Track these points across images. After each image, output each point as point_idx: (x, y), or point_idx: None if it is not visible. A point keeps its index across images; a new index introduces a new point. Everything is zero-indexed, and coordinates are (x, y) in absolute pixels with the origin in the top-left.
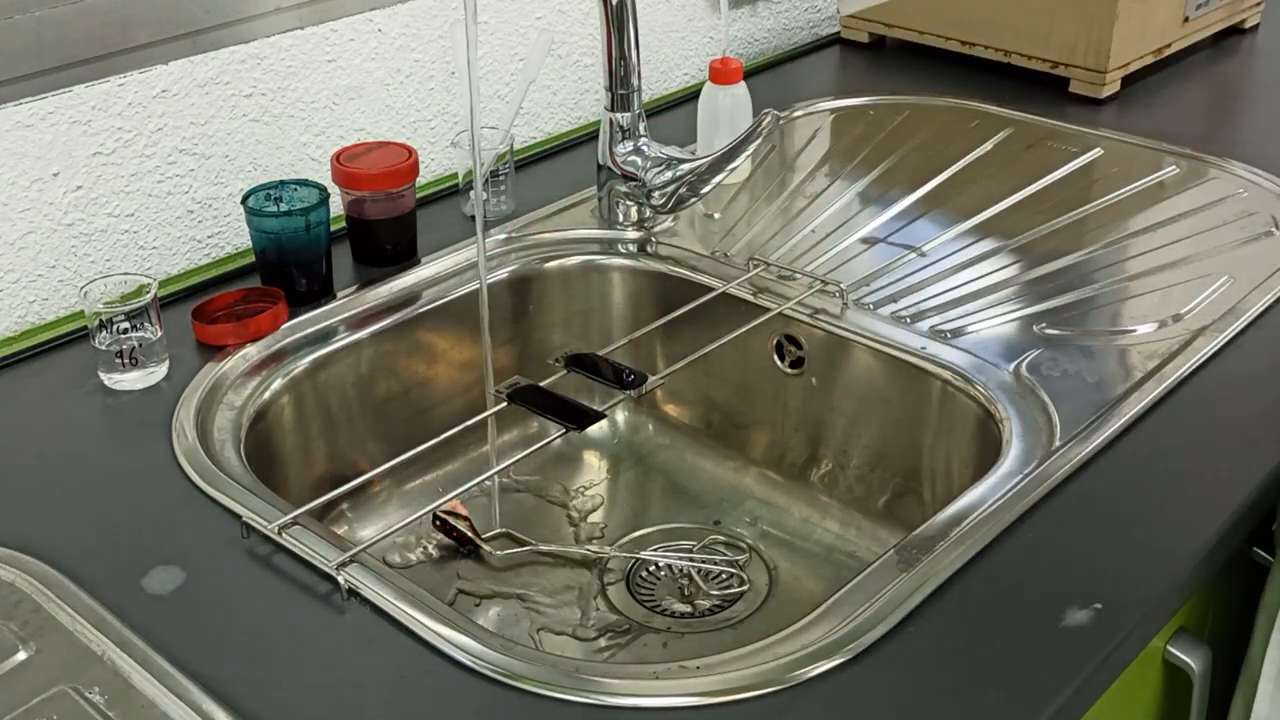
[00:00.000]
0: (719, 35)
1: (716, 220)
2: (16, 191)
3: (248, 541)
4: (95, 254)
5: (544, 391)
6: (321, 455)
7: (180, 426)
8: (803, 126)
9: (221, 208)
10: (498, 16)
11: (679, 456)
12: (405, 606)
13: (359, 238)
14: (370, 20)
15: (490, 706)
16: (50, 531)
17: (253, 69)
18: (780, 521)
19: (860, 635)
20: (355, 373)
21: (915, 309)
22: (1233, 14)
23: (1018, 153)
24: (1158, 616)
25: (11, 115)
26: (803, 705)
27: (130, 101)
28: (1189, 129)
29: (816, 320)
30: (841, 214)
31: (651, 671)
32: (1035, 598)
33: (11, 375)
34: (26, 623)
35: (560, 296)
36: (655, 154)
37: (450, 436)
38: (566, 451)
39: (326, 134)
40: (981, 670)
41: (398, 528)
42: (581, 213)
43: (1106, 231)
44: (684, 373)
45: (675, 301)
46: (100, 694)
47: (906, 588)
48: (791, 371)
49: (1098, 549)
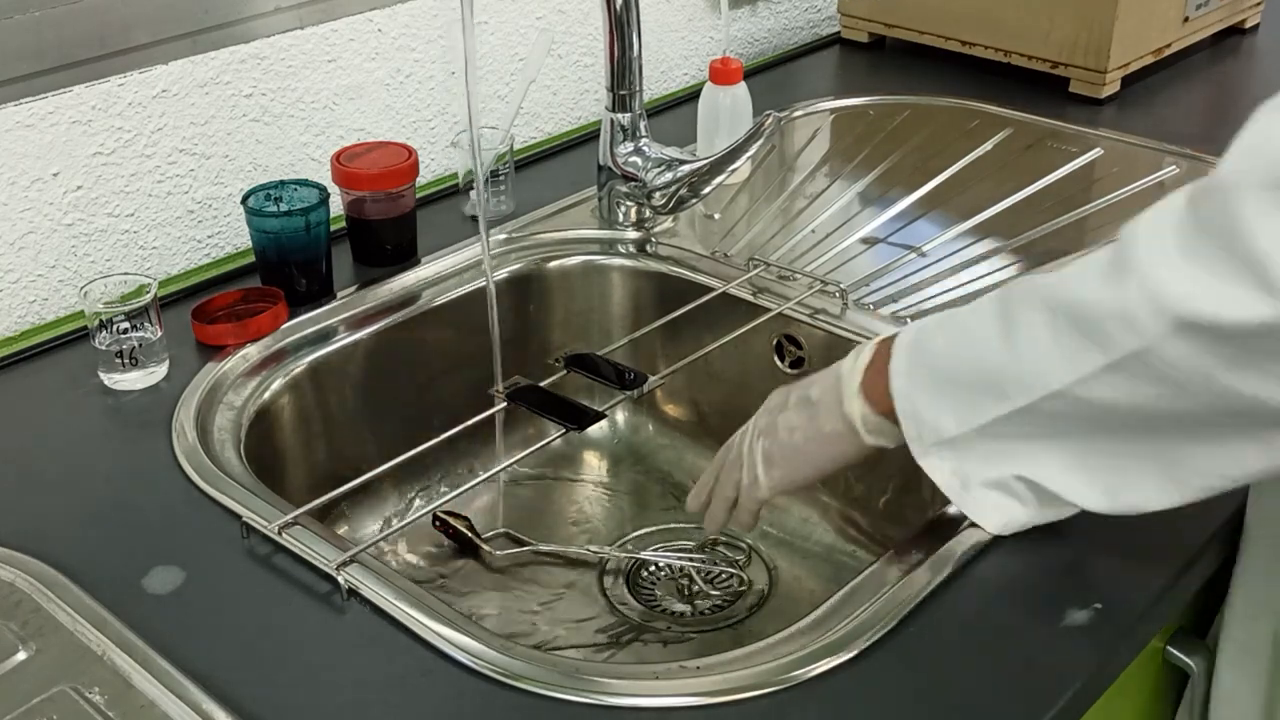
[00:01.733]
0: (719, 35)
1: (716, 220)
2: (16, 191)
3: (248, 541)
4: (95, 254)
5: (544, 391)
6: (321, 455)
7: (180, 426)
8: (803, 126)
9: (221, 208)
10: (498, 16)
11: (679, 456)
12: (405, 606)
13: (359, 238)
14: (370, 20)
15: (490, 706)
16: (50, 531)
17: (253, 69)
18: (780, 521)
19: (860, 635)
20: (355, 373)
21: (915, 309)
22: (1233, 14)
23: (1018, 153)
24: (1158, 616)
25: (11, 115)
26: (803, 705)
27: (130, 101)
28: (1189, 129)
29: (816, 320)
30: (841, 214)
31: (651, 671)
32: (1035, 598)
33: (11, 375)
34: (26, 623)
35: (560, 296)
36: (656, 155)
37: (450, 436)
38: (566, 451)
39: (326, 134)
40: (981, 670)
41: (398, 528)
42: (581, 213)
43: (1106, 231)
44: (684, 373)
45: (675, 301)
46: (100, 694)
47: (907, 588)
48: (791, 372)
49: (1098, 549)
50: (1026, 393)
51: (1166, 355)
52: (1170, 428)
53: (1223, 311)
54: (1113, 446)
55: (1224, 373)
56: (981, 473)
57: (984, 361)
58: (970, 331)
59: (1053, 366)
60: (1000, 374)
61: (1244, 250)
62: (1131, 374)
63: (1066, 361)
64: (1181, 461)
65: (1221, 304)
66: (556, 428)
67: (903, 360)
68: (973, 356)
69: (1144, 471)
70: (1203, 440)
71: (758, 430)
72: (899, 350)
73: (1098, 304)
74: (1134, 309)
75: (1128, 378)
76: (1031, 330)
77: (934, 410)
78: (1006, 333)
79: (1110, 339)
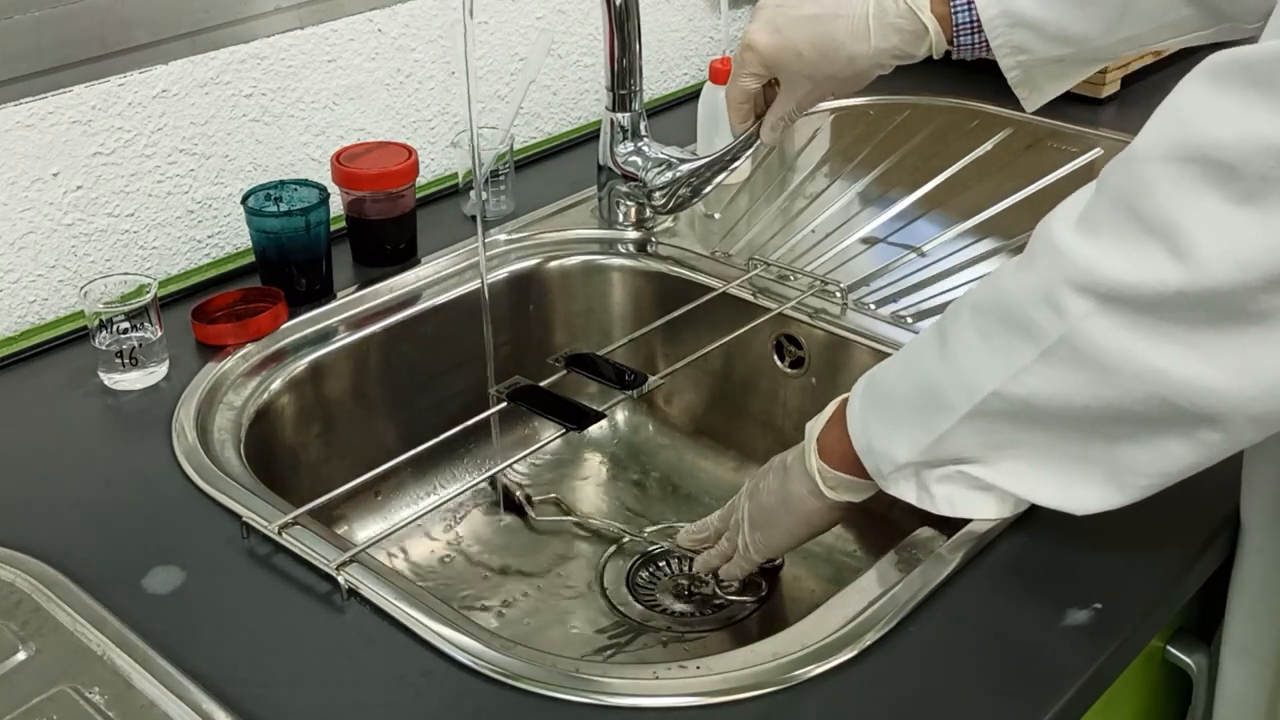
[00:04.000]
0: (719, 35)
1: (716, 220)
2: (16, 191)
3: (248, 541)
4: (95, 254)
5: (544, 391)
6: (321, 455)
7: (180, 426)
8: (803, 126)
9: (221, 208)
10: (498, 16)
11: (679, 456)
12: (405, 606)
13: (359, 238)
14: (370, 20)
15: (490, 706)
16: (50, 531)
17: (253, 69)
18: None
19: (860, 635)
20: (355, 373)
21: (915, 309)
22: None
23: (1018, 153)
24: (1158, 616)
25: (11, 115)
26: (803, 705)
27: (130, 101)
28: None
29: (816, 320)
30: (841, 214)
31: (651, 671)
32: (1035, 598)
33: (11, 375)
34: (26, 623)
35: (560, 296)
36: (656, 154)
37: (450, 436)
38: (566, 451)
39: (326, 134)
40: (982, 670)
41: (398, 527)
42: (581, 213)
43: None
44: (684, 373)
45: (675, 301)
46: (100, 694)
47: (907, 588)
48: (791, 371)
49: (1098, 549)
50: (968, 398)
51: (1089, 334)
52: (1104, 425)
53: (1136, 280)
54: (1056, 449)
55: (1144, 348)
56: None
57: (925, 379)
58: (912, 356)
59: (986, 366)
60: (940, 386)
61: (1154, 219)
62: (1060, 360)
63: (999, 359)
64: (1120, 461)
65: (1134, 273)
66: (556, 428)
67: (857, 402)
68: (915, 378)
69: (1088, 473)
70: (1137, 440)
71: (748, 492)
72: (854, 395)
73: (1017, 293)
74: (1054, 291)
75: (1056, 365)
76: (962, 337)
77: (886, 440)
78: (941, 345)
79: (1037, 327)
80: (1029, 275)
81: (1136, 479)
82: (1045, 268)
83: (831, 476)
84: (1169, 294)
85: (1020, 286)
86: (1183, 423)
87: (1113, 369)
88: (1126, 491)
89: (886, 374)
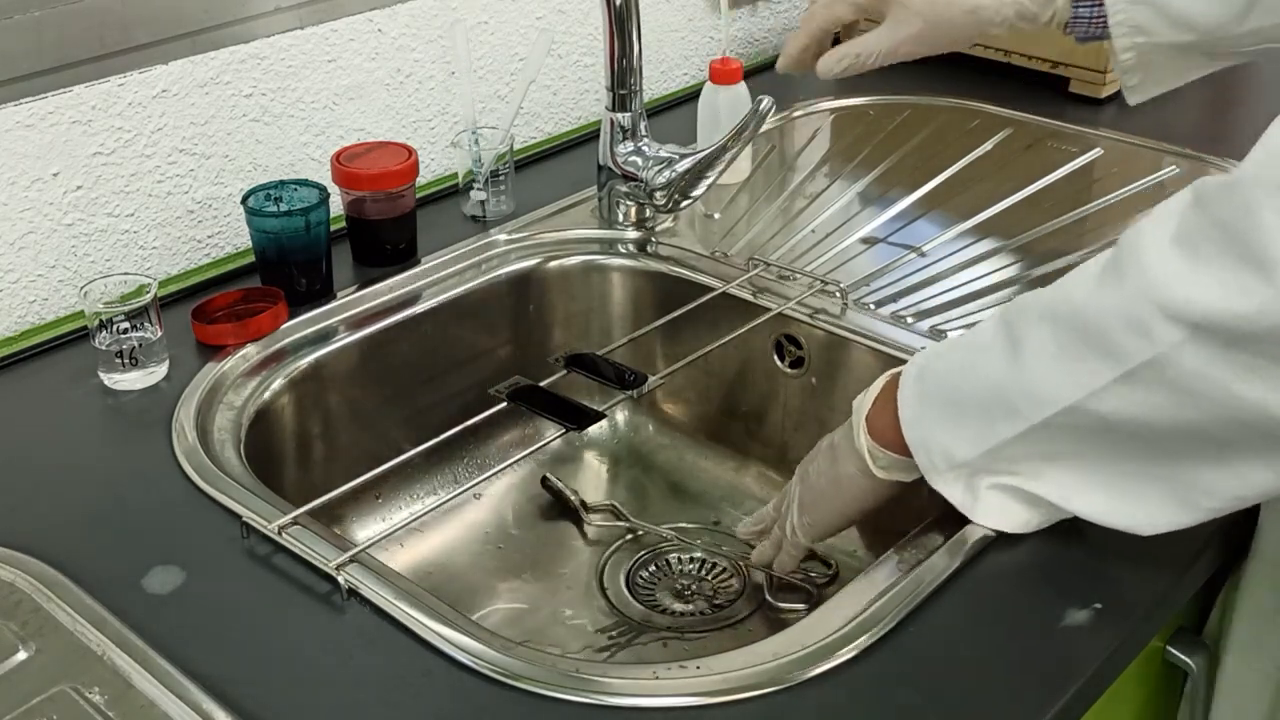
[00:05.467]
0: (719, 35)
1: (716, 220)
2: (16, 191)
3: (248, 541)
4: (95, 254)
5: (544, 391)
6: (321, 455)
7: (180, 426)
8: (803, 126)
9: (221, 208)
10: (498, 17)
11: (679, 456)
12: (405, 606)
13: (359, 238)
14: (370, 20)
15: (490, 706)
16: (50, 531)
17: (253, 69)
18: None
19: (860, 635)
20: (355, 373)
21: (915, 309)
22: None
23: (1018, 153)
24: (1158, 616)
25: (11, 115)
26: (803, 705)
27: (130, 101)
28: (1189, 129)
29: (816, 320)
30: (841, 214)
31: (651, 671)
32: (1035, 598)
33: (11, 375)
34: (26, 623)
35: (560, 296)
36: (656, 154)
37: (450, 436)
38: (566, 451)
39: (326, 134)
40: (982, 670)
41: (398, 527)
42: (581, 213)
43: (1107, 231)
44: (684, 373)
45: (675, 301)
46: (100, 694)
47: (907, 588)
48: (791, 371)
49: (1098, 549)
50: (1039, 410)
51: (1179, 362)
52: (1180, 445)
53: (1232, 311)
54: (1123, 466)
55: (1234, 379)
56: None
57: (992, 381)
58: (976, 353)
59: (1063, 381)
60: (1010, 393)
61: (1256, 248)
62: (1143, 383)
63: (1078, 376)
64: (1192, 483)
65: (1230, 303)
66: (556, 428)
67: (910, 389)
68: (980, 378)
69: (1155, 492)
70: (1212, 461)
71: (799, 476)
72: (906, 380)
73: (1101, 309)
74: (1143, 314)
75: (1140, 388)
76: (1038, 345)
77: (945, 436)
78: (1013, 350)
79: (1121, 349)
80: (1115, 292)
81: (1209, 500)
82: (1134, 286)
83: (882, 456)
84: (1266, 327)
85: (1105, 303)
86: (1267, 449)
87: (1199, 395)
88: (1194, 512)
89: (942, 367)
